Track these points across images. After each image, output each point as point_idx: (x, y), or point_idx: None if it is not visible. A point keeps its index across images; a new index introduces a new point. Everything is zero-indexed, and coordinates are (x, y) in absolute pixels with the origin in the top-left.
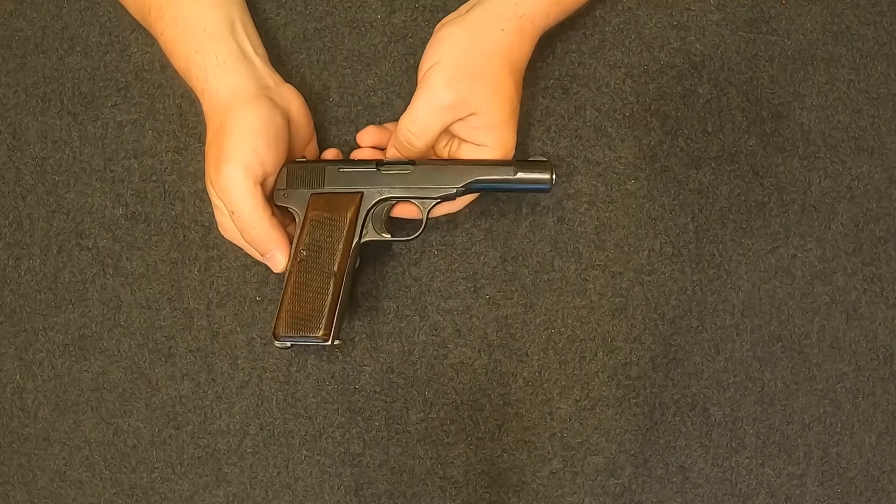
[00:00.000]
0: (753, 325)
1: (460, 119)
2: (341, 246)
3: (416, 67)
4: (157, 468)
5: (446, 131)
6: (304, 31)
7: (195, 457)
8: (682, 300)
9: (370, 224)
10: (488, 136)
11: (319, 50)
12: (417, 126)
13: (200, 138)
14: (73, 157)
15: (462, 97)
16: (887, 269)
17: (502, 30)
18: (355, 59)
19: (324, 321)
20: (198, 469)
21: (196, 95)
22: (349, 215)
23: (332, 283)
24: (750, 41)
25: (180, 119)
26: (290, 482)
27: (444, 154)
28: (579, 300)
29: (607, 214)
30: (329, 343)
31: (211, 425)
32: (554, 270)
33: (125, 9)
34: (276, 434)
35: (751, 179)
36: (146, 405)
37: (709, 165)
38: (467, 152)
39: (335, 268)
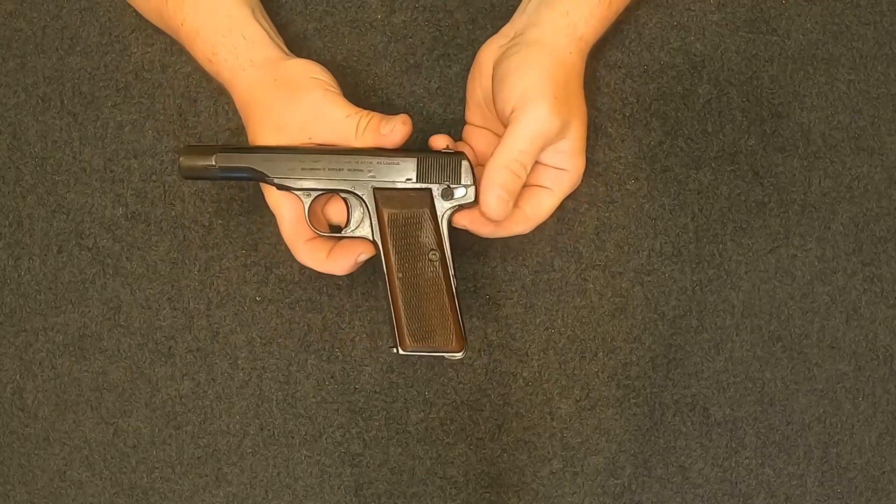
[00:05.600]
0: (753, 325)
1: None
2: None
3: (416, 67)
4: (157, 468)
5: None
6: (304, 31)
7: (195, 457)
8: (682, 300)
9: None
10: (571, 161)
11: (319, 50)
12: (528, 156)
13: (200, 138)
14: (73, 157)
15: (564, 121)
16: (887, 269)
17: (570, 52)
18: (355, 59)
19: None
20: (198, 469)
21: (224, 83)
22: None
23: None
24: (750, 41)
25: (180, 119)
26: (290, 482)
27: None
28: (579, 300)
29: (607, 214)
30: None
31: (211, 425)
32: (554, 270)
33: (126, 8)
34: (276, 434)
35: (751, 179)
36: (146, 405)
37: (709, 165)
38: (549, 177)
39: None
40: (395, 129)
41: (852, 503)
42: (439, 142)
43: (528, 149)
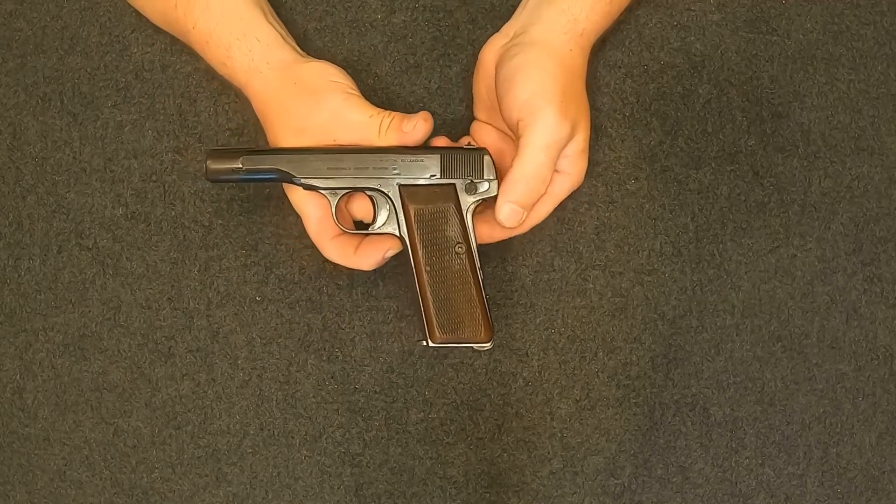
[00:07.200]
0: (753, 325)
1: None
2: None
3: (416, 67)
4: (157, 468)
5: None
6: (305, 31)
7: (195, 457)
8: (682, 300)
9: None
10: (575, 164)
11: (319, 50)
12: (546, 168)
13: (200, 138)
14: (73, 157)
15: (573, 122)
16: (887, 269)
17: (570, 49)
18: (355, 59)
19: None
20: (198, 469)
21: (238, 85)
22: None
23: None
24: (750, 41)
25: (180, 119)
26: (290, 482)
27: None
28: (579, 300)
29: (607, 214)
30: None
31: (211, 425)
32: (554, 270)
33: (126, 8)
34: (276, 434)
35: (751, 179)
36: (146, 405)
37: (709, 165)
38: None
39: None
40: (417, 127)
41: (852, 503)
42: (459, 142)
43: (544, 160)
